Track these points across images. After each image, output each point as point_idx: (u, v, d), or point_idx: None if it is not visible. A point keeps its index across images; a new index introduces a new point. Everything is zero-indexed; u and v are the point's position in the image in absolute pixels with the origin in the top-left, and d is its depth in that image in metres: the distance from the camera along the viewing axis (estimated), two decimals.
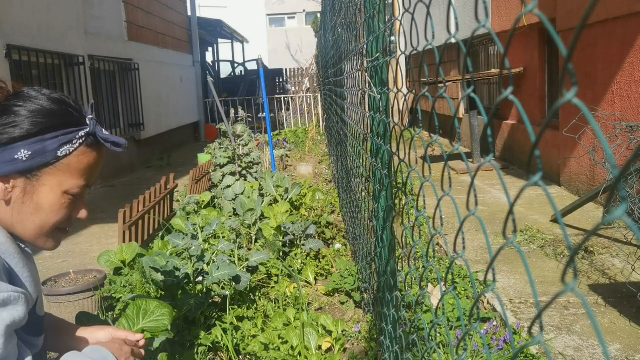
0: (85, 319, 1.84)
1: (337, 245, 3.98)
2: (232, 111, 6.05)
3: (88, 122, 1.06)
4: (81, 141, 1.04)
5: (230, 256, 3.19)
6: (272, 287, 3.29)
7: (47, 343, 1.18)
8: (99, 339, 1.27)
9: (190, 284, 2.84)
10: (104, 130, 1.09)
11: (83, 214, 1.11)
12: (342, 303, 3.10)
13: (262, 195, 4.95)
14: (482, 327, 2.57)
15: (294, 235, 3.84)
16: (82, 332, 1.28)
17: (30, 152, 0.99)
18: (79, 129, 1.04)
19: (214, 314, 2.80)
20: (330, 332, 2.64)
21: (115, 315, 2.94)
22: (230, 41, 20.67)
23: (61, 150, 1.02)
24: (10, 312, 0.92)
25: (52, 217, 1.04)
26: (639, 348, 2.40)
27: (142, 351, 1.26)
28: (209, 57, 18.84)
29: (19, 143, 0.99)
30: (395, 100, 1.38)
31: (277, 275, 3.45)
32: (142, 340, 1.28)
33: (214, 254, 3.13)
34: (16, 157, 0.98)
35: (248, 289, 3.10)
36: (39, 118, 1.00)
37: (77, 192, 1.06)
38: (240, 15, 34.09)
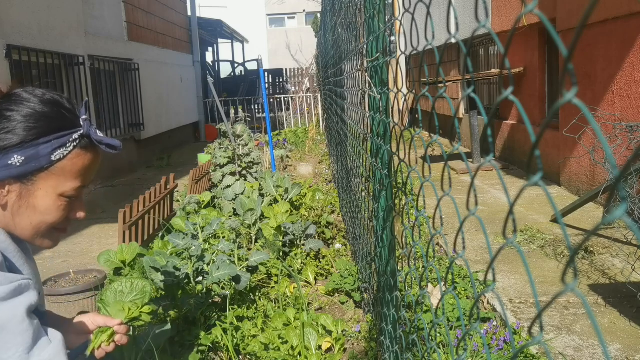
0: None
1: (337, 245, 3.98)
2: (232, 111, 6.06)
3: (82, 123, 1.06)
4: (75, 144, 1.04)
5: (230, 256, 3.19)
6: (272, 287, 3.29)
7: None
8: (84, 323, 1.27)
9: (191, 284, 2.84)
10: (98, 131, 1.08)
11: (80, 214, 1.11)
12: (342, 303, 3.10)
13: (262, 195, 4.95)
14: (482, 327, 2.57)
15: (294, 235, 3.84)
16: (68, 321, 1.29)
17: (23, 158, 0.99)
18: (72, 131, 1.04)
19: (214, 314, 2.80)
20: (330, 332, 2.64)
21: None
22: (230, 41, 20.67)
23: (55, 154, 1.01)
24: (26, 297, 0.96)
25: (49, 218, 1.05)
26: (639, 348, 2.40)
27: (124, 337, 1.26)
28: (209, 57, 18.85)
29: (12, 149, 0.99)
30: (395, 100, 1.38)
31: (277, 275, 3.45)
32: (123, 327, 1.28)
33: (214, 254, 3.13)
34: (10, 162, 0.99)
35: (248, 289, 3.10)
36: (31, 123, 1.00)
37: (73, 194, 1.06)
38: (240, 15, 34.06)
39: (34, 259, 1.13)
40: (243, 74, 18.68)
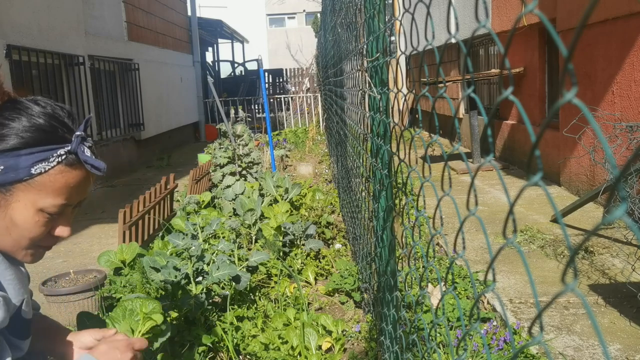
0: (86, 319, 1.84)
1: (337, 245, 3.98)
2: (232, 111, 6.06)
3: (73, 139, 1.01)
4: (59, 159, 0.99)
5: (230, 256, 3.19)
6: (272, 287, 3.29)
7: (36, 346, 1.16)
8: (84, 343, 1.24)
9: (190, 284, 2.84)
10: (87, 150, 1.03)
11: (63, 232, 1.06)
12: (342, 303, 3.10)
13: (262, 195, 4.95)
14: (482, 327, 2.57)
15: (294, 235, 3.84)
16: (70, 337, 1.26)
17: (2, 167, 0.96)
18: (58, 146, 0.99)
19: (214, 314, 2.80)
20: (330, 332, 2.64)
21: None
22: (230, 41, 20.67)
23: (35, 167, 0.97)
24: None
25: (27, 233, 1.01)
26: (639, 348, 2.40)
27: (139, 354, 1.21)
28: (209, 57, 18.85)
29: None
30: (395, 100, 1.38)
31: (277, 275, 3.45)
32: (144, 343, 1.23)
33: (214, 254, 3.13)
34: None
35: (248, 289, 3.10)
36: (21, 132, 0.97)
37: (54, 210, 1.01)
38: (240, 15, 34.06)
39: (20, 264, 1.09)
40: (243, 74, 18.69)
